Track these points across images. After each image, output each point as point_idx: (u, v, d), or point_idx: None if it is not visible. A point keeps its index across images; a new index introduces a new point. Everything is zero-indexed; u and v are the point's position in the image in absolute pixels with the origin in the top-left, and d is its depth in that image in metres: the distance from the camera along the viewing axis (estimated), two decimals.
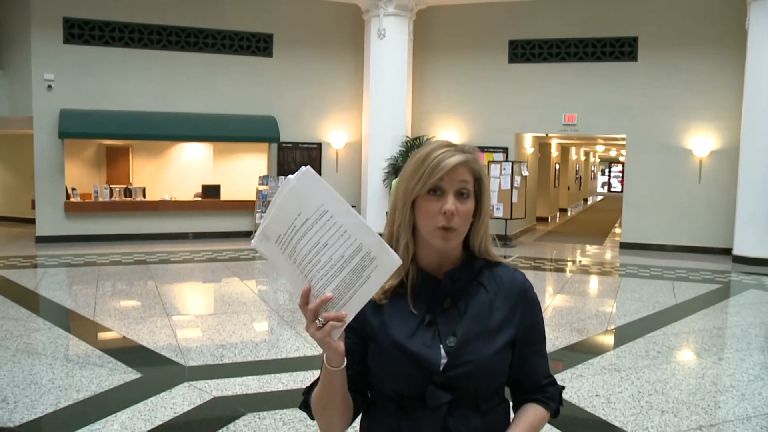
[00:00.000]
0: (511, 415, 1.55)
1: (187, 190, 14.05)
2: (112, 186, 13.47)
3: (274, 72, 14.02)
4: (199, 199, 13.88)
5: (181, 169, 14.41)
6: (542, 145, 19.01)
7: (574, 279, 10.25)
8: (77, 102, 12.69)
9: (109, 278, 9.33)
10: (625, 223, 13.85)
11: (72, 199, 12.91)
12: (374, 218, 13.24)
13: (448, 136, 14.05)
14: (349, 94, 14.55)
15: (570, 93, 13.70)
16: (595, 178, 41.35)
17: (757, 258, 11.36)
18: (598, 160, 41.25)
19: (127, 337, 6.14)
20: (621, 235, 14.05)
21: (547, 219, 19.84)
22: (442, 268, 1.46)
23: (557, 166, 22.12)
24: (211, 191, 13.87)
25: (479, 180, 1.45)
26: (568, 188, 25.23)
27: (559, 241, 15.06)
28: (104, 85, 12.90)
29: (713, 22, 12.71)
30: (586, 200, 32.36)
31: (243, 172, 14.32)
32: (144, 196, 13.57)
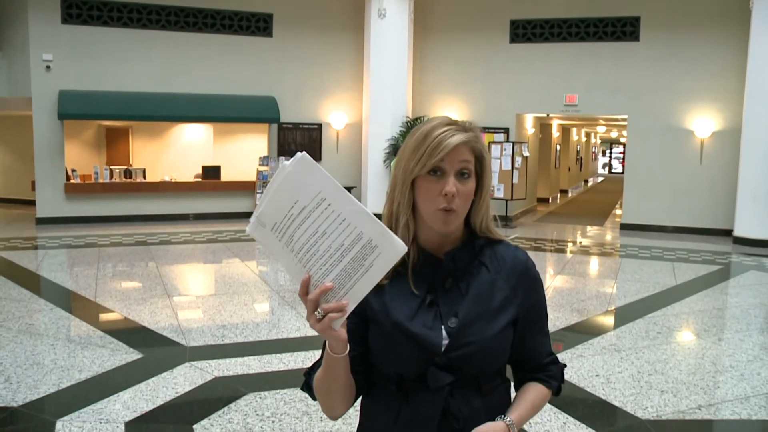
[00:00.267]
0: (512, 393, 1.54)
1: (188, 171, 14.02)
2: (112, 167, 13.45)
3: (274, 52, 13.94)
4: (200, 180, 13.86)
5: (181, 150, 14.38)
6: (543, 126, 18.94)
7: (575, 260, 10.26)
8: (76, 83, 12.62)
9: (109, 259, 9.35)
10: (625, 204, 13.83)
11: (72, 181, 12.89)
12: (375, 199, 13.23)
13: (449, 115, 13.95)
14: (349, 74, 14.48)
15: (571, 73, 13.62)
16: (596, 159, 41.25)
17: (758, 239, 11.36)
18: (599, 141, 41.12)
19: (129, 318, 6.16)
20: (621, 216, 14.05)
21: (548, 200, 19.82)
22: (443, 248, 1.44)
23: (558, 147, 22.05)
24: (211, 172, 13.85)
25: (480, 159, 1.43)
26: (569, 169, 25.18)
27: (559, 222, 15.05)
28: (103, 66, 12.82)
29: (716, 1, 12.59)
30: (586, 181, 32.31)
31: (243, 152, 14.29)
32: (144, 177, 13.55)
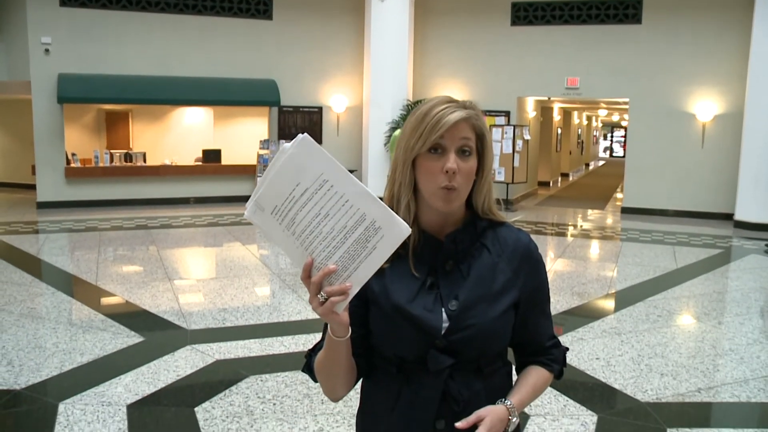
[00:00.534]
0: (514, 377, 1.53)
1: (188, 155, 14.00)
2: (112, 151, 13.42)
3: (274, 35, 13.86)
4: (200, 163, 13.84)
5: (182, 134, 14.34)
6: (544, 109, 18.88)
7: (576, 243, 10.26)
8: (75, 66, 12.56)
9: (110, 243, 9.35)
10: (626, 188, 13.81)
11: (72, 165, 12.87)
12: (375, 182, 13.21)
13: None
14: (350, 57, 14.41)
15: (573, 56, 13.55)
16: (597, 142, 41.13)
17: (759, 223, 11.34)
18: (600, 125, 40.98)
19: (130, 302, 6.17)
20: (622, 200, 14.04)
21: (549, 183, 19.80)
22: (445, 230, 1.43)
23: (559, 131, 21.99)
24: (211, 156, 13.82)
25: (481, 137, 1.41)
26: (570, 153, 25.12)
27: (560, 206, 15.04)
28: (102, 49, 12.75)
29: None
30: (587, 165, 32.25)
31: (244, 136, 14.26)
32: (144, 161, 13.52)
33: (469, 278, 1.41)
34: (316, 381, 1.47)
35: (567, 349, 1.58)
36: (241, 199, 13.52)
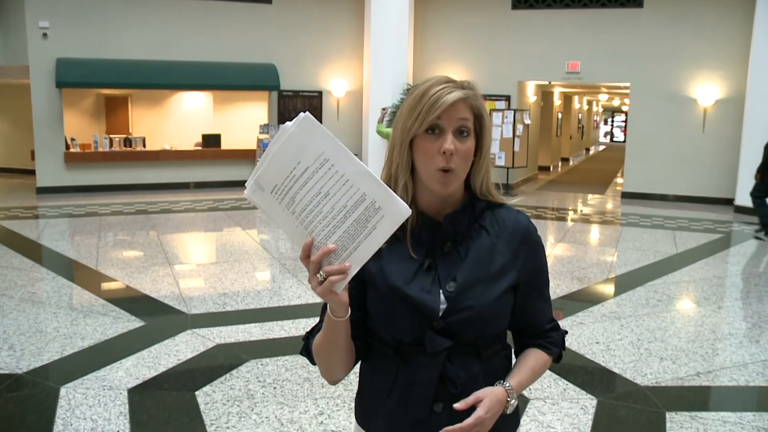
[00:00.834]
0: (513, 360, 1.53)
1: (188, 140, 13.96)
2: (111, 136, 13.38)
3: (274, 19, 13.78)
4: (200, 148, 13.80)
5: (181, 119, 14.29)
6: (545, 94, 18.80)
7: (576, 228, 10.26)
8: (74, 50, 12.50)
9: (110, 228, 9.35)
10: (627, 173, 13.79)
11: (72, 150, 12.84)
12: (376, 166, 13.10)
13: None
14: (349, 41, 14.34)
15: (574, 40, 13.48)
16: (598, 127, 41.01)
17: None
18: (601, 110, 40.85)
19: (130, 287, 6.18)
20: (623, 185, 14.02)
21: (549, 168, 19.75)
22: (443, 211, 1.42)
23: (560, 115, 21.91)
24: (211, 140, 13.79)
25: (479, 117, 1.39)
26: (571, 137, 25.04)
27: (560, 191, 15.02)
28: (101, 33, 12.68)
29: None
30: (588, 150, 32.17)
31: (243, 120, 14.22)
32: (144, 146, 13.49)
33: (467, 260, 1.40)
34: (314, 363, 1.47)
35: (566, 333, 1.58)
36: (241, 184, 13.24)
